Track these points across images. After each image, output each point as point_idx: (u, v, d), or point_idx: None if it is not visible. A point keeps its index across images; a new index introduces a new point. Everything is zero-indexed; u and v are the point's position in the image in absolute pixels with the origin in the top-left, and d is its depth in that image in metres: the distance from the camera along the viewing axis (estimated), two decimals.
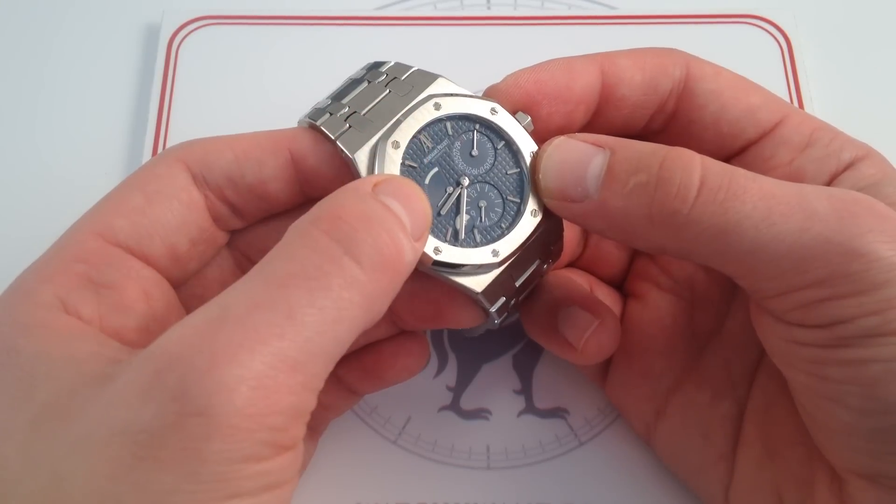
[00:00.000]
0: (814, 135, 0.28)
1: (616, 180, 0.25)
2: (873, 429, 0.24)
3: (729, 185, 0.24)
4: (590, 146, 0.26)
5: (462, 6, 0.44)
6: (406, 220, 0.24)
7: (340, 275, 0.22)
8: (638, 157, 0.25)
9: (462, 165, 0.27)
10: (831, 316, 0.23)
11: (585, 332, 0.30)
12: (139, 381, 0.21)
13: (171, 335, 0.21)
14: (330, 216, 0.23)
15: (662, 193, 0.24)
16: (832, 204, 0.24)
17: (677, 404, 0.31)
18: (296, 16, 0.43)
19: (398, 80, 0.28)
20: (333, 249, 0.22)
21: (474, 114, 0.27)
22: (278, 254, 0.22)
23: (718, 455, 0.29)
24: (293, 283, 0.21)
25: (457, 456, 0.33)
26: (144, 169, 0.27)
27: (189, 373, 0.20)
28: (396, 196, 0.24)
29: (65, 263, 0.25)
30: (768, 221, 0.23)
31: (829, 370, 0.24)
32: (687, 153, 0.25)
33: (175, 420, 0.20)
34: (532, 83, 0.28)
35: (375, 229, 0.23)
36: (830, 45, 0.43)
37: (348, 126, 0.27)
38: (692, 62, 0.29)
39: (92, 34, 0.44)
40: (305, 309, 0.21)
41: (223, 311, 0.21)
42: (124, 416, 0.20)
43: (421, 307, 0.29)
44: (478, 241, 0.27)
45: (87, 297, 0.24)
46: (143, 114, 0.41)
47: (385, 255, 0.23)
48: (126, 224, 0.26)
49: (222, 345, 0.20)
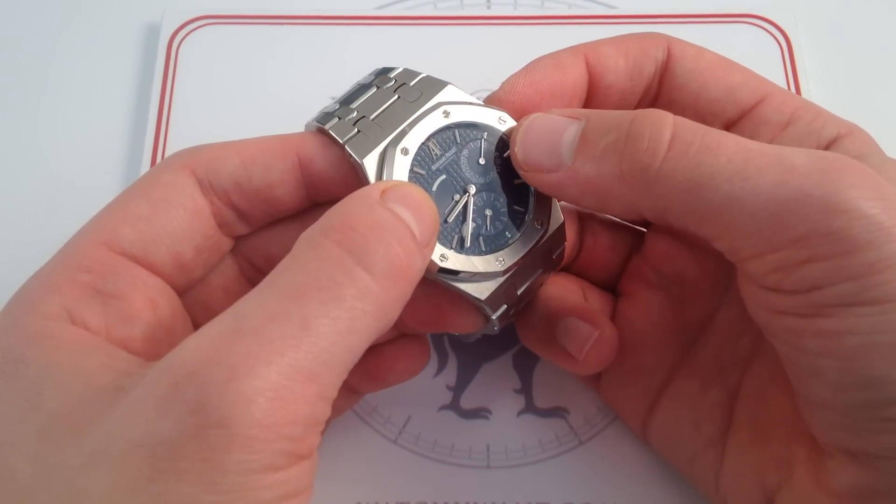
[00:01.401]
0: (795, 113, 0.28)
1: (588, 145, 0.25)
2: (851, 404, 0.23)
3: (702, 139, 0.23)
4: (565, 118, 0.26)
5: (462, 6, 0.44)
6: (415, 227, 0.24)
7: (353, 285, 0.22)
8: (610, 119, 0.25)
9: (469, 173, 0.27)
10: (809, 280, 0.23)
11: (586, 343, 0.30)
12: (156, 393, 0.21)
13: (188, 347, 0.21)
14: (341, 226, 0.23)
15: (632, 149, 0.24)
16: (812, 160, 0.23)
17: (669, 396, 0.31)
18: (296, 15, 0.43)
19: (407, 85, 0.28)
20: (345, 260, 0.22)
21: (482, 122, 0.28)
22: (290, 265, 0.22)
23: (708, 441, 0.29)
24: (307, 294, 0.21)
25: (457, 455, 0.33)
26: (149, 176, 0.27)
27: (207, 385, 0.20)
28: (405, 203, 0.24)
29: (70, 273, 0.25)
30: (743, 175, 0.23)
31: (807, 342, 0.23)
32: (659, 111, 0.24)
33: (195, 432, 0.20)
34: (528, 86, 0.28)
35: (386, 239, 0.23)
36: (830, 44, 0.43)
37: (357, 131, 0.27)
38: (674, 43, 0.30)
39: (92, 34, 0.44)
40: (320, 320, 0.21)
41: (238, 322, 0.21)
42: (142, 428, 0.20)
43: (424, 312, 0.29)
44: (483, 250, 0.27)
45: (93, 308, 0.24)
46: (144, 113, 0.41)
47: (396, 264, 0.23)
48: (131, 232, 0.26)
49: (240, 357, 0.20)
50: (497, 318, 0.28)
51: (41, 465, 0.21)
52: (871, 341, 0.22)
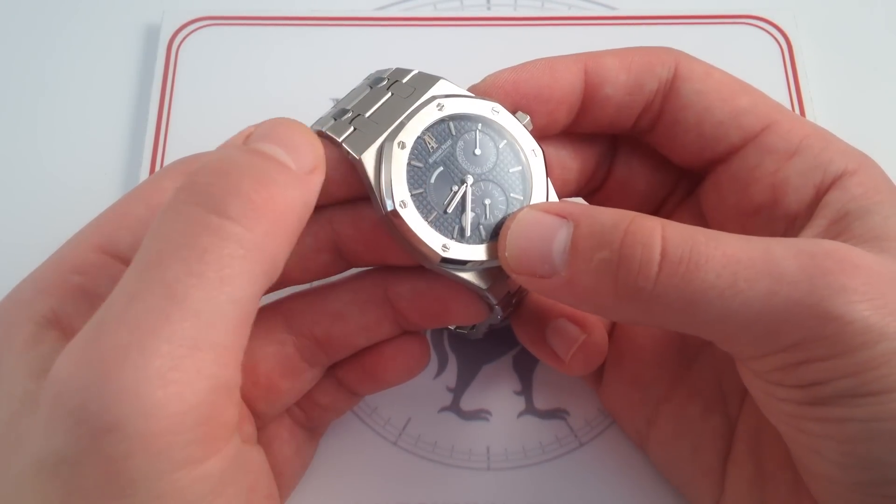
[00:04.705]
0: (803, 142, 0.28)
1: (581, 257, 0.25)
2: (852, 481, 0.23)
3: (690, 256, 0.23)
4: (553, 218, 0.26)
5: (462, 6, 0.44)
6: (285, 157, 0.23)
7: (210, 234, 0.20)
8: (601, 230, 0.24)
9: (466, 164, 0.27)
10: (808, 378, 0.23)
11: (573, 345, 0.30)
12: (44, 409, 0.19)
13: (63, 354, 0.20)
14: (187, 184, 0.21)
15: (625, 271, 0.24)
16: (801, 262, 0.23)
17: (669, 414, 0.31)
18: (296, 16, 0.43)
19: (400, 83, 0.28)
20: (196, 212, 0.21)
21: (476, 114, 0.28)
22: (147, 239, 0.21)
23: (708, 469, 0.29)
24: (164, 260, 0.20)
25: (457, 457, 0.33)
26: (149, 182, 0.27)
27: (83, 389, 0.18)
28: (268, 138, 0.23)
29: (62, 275, 0.24)
30: (734, 289, 0.23)
31: (807, 425, 0.24)
32: (647, 225, 0.24)
33: (88, 444, 0.18)
34: (511, 84, 0.28)
35: (235, 179, 0.21)
36: (830, 45, 0.43)
37: (353, 129, 0.27)
38: (682, 61, 0.29)
39: (92, 35, 0.44)
40: (185, 280, 0.19)
41: (102, 314, 0.20)
42: (39, 446, 0.19)
43: (428, 305, 0.29)
44: (483, 238, 0.27)
45: (82, 309, 0.24)
46: (143, 114, 0.41)
47: (254, 199, 0.21)
48: (128, 236, 0.25)
49: (108, 349, 0.19)
50: (500, 306, 0.28)
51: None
52: (871, 427, 0.22)
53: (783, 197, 0.27)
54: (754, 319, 0.23)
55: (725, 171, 0.29)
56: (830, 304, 0.22)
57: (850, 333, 0.22)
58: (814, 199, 0.27)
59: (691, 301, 0.23)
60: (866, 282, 0.22)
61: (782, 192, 0.27)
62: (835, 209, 0.26)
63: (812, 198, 0.27)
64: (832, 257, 0.23)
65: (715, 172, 0.30)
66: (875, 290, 0.22)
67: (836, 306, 0.22)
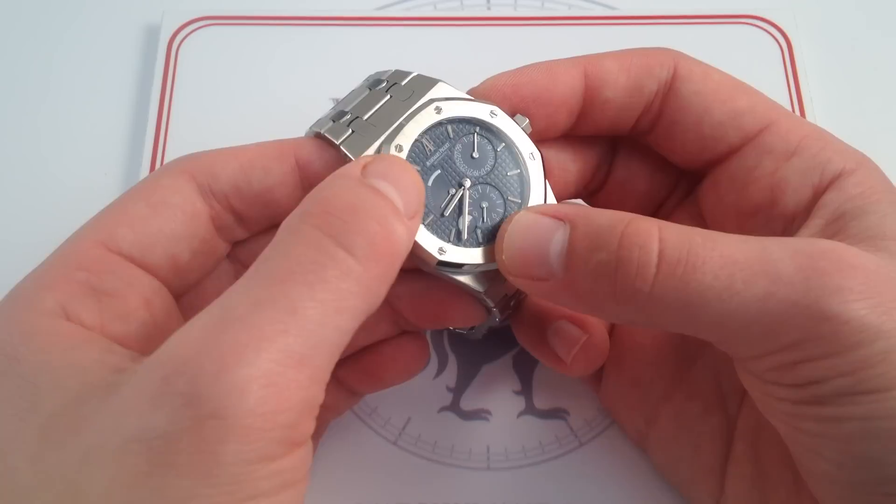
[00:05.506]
0: (802, 143, 0.28)
1: (578, 259, 0.25)
2: (850, 480, 0.23)
3: (687, 258, 0.23)
4: (550, 220, 0.26)
5: (462, 6, 0.44)
6: (398, 200, 0.24)
7: (336, 266, 0.22)
8: (597, 232, 0.25)
9: (464, 167, 0.28)
10: (806, 377, 0.23)
11: (574, 346, 0.30)
12: (148, 387, 0.20)
13: (177, 339, 0.21)
14: (319, 210, 0.23)
15: (623, 274, 0.24)
16: (797, 262, 0.23)
17: (668, 414, 0.31)
18: (296, 16, 0.43)
19: (398, 85, 0.28)
20: (326, 243, 0.22)
21: (474, 117, 0.28)
22: (272, 253, 0.22)
23: (708, 468, 0.29)
24: (291, 278, 0.21)
25: (457, 457, 0.33)
26: (149, 180, 0.27)
27: (199, 376, 0.20)
28: (386, 177, 0.24)
29: (66, 271, 0.25)
30: (731, 291, 0.23)
31: (805, 424, 0.24)
32: (644, 227, 0.24)
33: (190, 425, 0.20)
34: (509, 87, 0.28)
35: (364, 219, 0.23)
36: (830, 45, 0.43)
37: (351, 131, 0.27)
38: (681, 62, 0.29)
39: (92, 35, 0.44)
40: (306, 302, 0.21)
41: (225, 312, 0.21)
42: (137, 423, 0.20)
43: (426, 307, 0.29)
44: (480, 241, 0.27)
45: (88, 305, 0.24)
46: (143, 114, 0.41)
47: (377, 242, 0.23)
48: (129, 233, 0.26)
49: (229, 346, 0.20)
50: (497, 308, 0.28)
51: (41, 464, 0.21)
52: (869, 426, 0.22)
53: (781, 197, 0.28)
54: (752, 320, 0.23)
55: (724, 172, 0.29)
56: (827, 304, 0.22)
57: (846, 332, 0.22)
58: (812, 199, 0.27)
59: (689, 303, 0.23)
60: (862, 281, 0.23)
61: (781, 192, 0.27)
62: (832, 209, 0.26)
63: (810, 198, 0.27)
64: (828, 257, 0.23)
65: (714, 173, 0.30)
66: (871, 289, 0.23)
67: (833, 306, 0.22)
